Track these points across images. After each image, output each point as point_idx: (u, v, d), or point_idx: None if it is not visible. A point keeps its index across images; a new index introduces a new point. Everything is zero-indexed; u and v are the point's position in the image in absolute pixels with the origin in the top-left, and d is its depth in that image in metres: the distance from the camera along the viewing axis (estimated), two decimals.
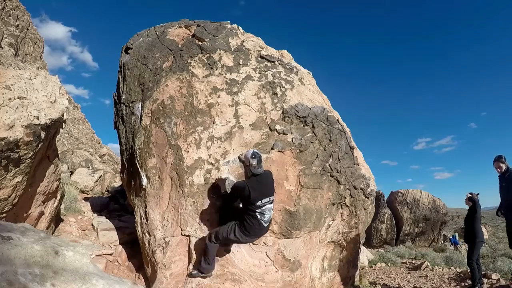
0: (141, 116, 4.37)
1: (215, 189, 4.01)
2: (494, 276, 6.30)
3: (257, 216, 3.41)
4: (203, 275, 3.72)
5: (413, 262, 8.82)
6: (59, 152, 5.35)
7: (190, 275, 3.76)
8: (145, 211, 4.16)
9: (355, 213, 4.64)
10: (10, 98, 3.37)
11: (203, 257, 3.67)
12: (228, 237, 3.53)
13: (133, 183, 4.52)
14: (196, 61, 4.48)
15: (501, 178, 4.99)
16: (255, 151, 3.48)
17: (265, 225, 3.49)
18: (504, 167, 4.90)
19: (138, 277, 4.47)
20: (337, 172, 4.43)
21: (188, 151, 4.08)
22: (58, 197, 4.99)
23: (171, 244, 3.93)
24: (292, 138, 4.26)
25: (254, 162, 3.39)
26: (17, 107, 3.39)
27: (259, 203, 3.38)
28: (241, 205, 3.60)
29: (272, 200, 3.54)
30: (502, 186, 4.86)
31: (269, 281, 4.04)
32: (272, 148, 4.20)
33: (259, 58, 4.73)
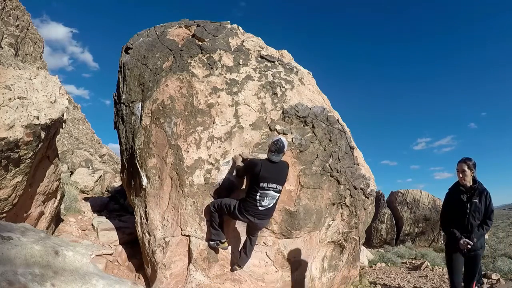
0: (141, 116, 4.37)
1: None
2: (494, 276, 6.29)
3: (256, 198, 3.45)
4: (216, 241, 3.80)
5: (413, 262, 8.81)
6: (59, 152, 5.35)
7: (210, 246, 3.88)
8: (145, 211, 4.16)
9: (355, 213, 4.64)
10: (10, 98, 3.36)
11: (210, 225, 3.80)
12: (228, 208, 3.62)
13: (133, 183, 4.52)
14: (196, 61, 4.48)
15: (459, 190, 3.64)
16: (280, 140, 3.51)
17: (261, 209, 3.49)
18: (469, 175, 3.54)
19: (138, 277, 4.47)
20: (337, 172, 4.43)
21: (188, 151, 4.09)
22: (58, 197, 4.98)
23: (171, 244, 3.93)
24: (292, 138, 4.26)
25: (272, 147, 3.50)
26: (17, 107, 3.38)
27: (264, 184, 3.42)
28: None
29: (279, 190, 3.57)
30: (472, 203, 3.53)
31: (269, 281, 4.04)
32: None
33: (259, 58, 4.74)
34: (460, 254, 3.59)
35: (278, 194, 3.58)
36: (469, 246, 3.45)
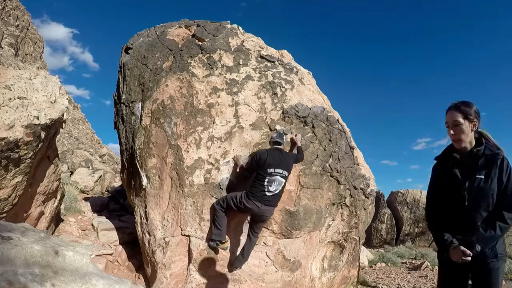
0: (141, 116, 4.37)
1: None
2: None
3: (264, 184, 3.61)
4: (216, 242, 3.78)
5: (413, 262, 8.82)
6: (59, 152, 5.35)
7: (210, 246, 3.86)
8: (145, 211, 4.16)
9: (355, 213, 4.64)
10: (10, 98, 3.36)
11: (213, 224, 3.80)
12: (235, 200, 3.68)
13: (133, 183, 4.52)
14: (196, 61, 4.48)
15: (451, 160, 2.15)
16: (277, 130, 4.02)
17: (268, 194, 3.62)
18: (468, 130, 2.06)
19: (138, 277, 4.47)
20: (337, 172, 4.43)
21: (188, 151, 4.09)
22: (58, 197, 4.98)
23: (171, 244, 3.93)
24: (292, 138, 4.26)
25: (274, 134, 3.85)
26: (17, 107, 3.38)
27: (271, 170, 3.60)
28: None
29: (285, 176, 3.72)
30: (474, 180, 2.04)
31: (269, 281, 4.04)
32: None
33: (259, 58, 4.73)
34: (459, 271, 2.09)
35: (284, 180, 3.73)
36: (468, 259, 1.94)
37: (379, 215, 16.85)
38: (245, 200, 3.62)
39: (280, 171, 3.65)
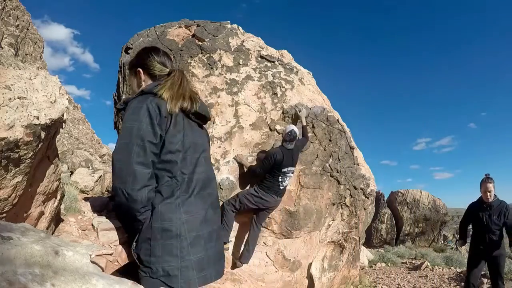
0: None
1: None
2: None
3: (279, 180, 3.80)
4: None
5: (413, 262, 8.82)
6: (59, 152, 5.34)
7: None
8: None
9: (355, 213, 4.64)
10: (10, 98, 3.36)
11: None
12: (250, 198, 3.76)
13: None
14: (196, 61, 4.48)
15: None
16: (293, 130, 3.85)
17: (281, 188, 3.85)
18: (134, 81, 2.02)
19: None
20: (337, 172, 4.43)
21: None
22: (58, 197, 4.97)
23: None
24: None
25: (287, 137, 3.83)
26: (17, 107, 3.38)
27: (285, 169, 3.80)
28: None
29: (293, 171, 3.96)
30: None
31: (269, 281, 4.04)
32: (272, 148, 4.20)
33: (259, 58, 4.74)
34: None
35: (293, 174, 4.03)
36: None
37: (379, 215, 16.85)
38: (262, 194, 3.76)
39: (292, 169, 3.88)
